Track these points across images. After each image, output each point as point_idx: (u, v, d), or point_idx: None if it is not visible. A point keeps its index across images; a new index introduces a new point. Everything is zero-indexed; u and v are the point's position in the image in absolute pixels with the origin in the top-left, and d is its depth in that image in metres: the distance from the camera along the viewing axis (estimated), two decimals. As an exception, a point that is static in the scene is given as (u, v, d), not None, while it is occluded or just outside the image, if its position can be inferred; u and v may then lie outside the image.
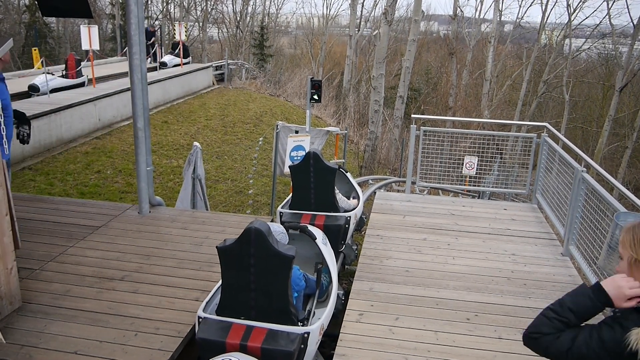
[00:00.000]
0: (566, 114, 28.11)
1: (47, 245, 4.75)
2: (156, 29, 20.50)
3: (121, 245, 4.87)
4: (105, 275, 4.29)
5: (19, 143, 5.06)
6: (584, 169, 5.00)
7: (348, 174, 6.13)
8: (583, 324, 1.84)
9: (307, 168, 5.12)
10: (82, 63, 13.57)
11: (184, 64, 18.04)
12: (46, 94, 11.63)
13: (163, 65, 17.72)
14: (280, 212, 5.25)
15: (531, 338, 1.90)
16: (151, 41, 17.83)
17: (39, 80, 12.09)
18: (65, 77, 13.08)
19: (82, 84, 13.42)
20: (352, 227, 5.30)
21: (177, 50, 18.27)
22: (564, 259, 5.12)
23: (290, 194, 5.50)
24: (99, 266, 4.43)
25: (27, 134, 5.02)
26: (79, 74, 13.43)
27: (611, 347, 1.73)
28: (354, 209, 5.40)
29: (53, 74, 12.65)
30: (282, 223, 5.00)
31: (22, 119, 4.95)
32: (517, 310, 4.10)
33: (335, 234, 5.03)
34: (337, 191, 5.30)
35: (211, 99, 17.03)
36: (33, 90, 11.92)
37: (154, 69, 16.88)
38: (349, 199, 5.65)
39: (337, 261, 5.05)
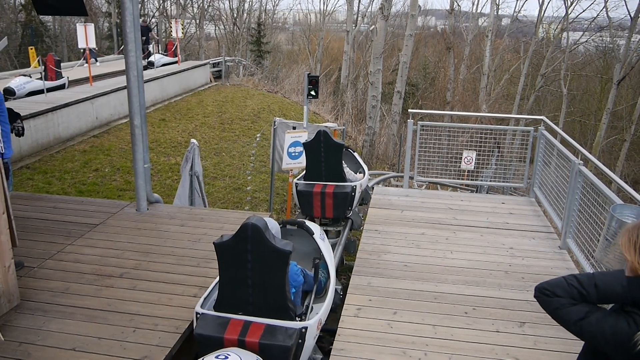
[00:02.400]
0: (564, 108, 28.13)
1: (46, 243, 4.76)
2: (149, 24, 20.07)
3: (119, 242, 4.88)
4: (103, 272, 4.29)
5: (15, 136, 5.15)
6: (581, 162, 5.00)
7: (355, 153, 7.15)
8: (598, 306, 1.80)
9: (318, 145, 5.96)
10: (79, 62, 13.26)
11: (171, 63, 17.64)
12: (22, 97, 10.99)
13: (150, 64, 16.68)
14: (296, 183, 6.09)
15: (543, 294, 1.86)
16: (146, 37, 17.43)
17: (15, 83, 11.29)
18: (45, 79, 11.87)
19: (62, 86, 12.46)
20: (357, 195, 6.09)
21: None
22: (561, 252, 5.13)
23: (304, 170, 6.39)
24: (97, 263, 4.44)
25: (22, 127, 5.17)
26: (58, 76, 12.50)
27: (621, 338, 1.70)
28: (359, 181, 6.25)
29: (30, 76, 11.76)
30: (297, 192, 6.02)
31: (12, 115, 5.02)
32: (515, 304, 4.11)
33: (343, 201, 5.94)
34: (345, 165, 6.13)
35: (208, 96, 16.99)
36: (8, 93, 10.95)
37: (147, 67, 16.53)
38: (356, 174, 6.53)
39: (345, 227, 6.23)
